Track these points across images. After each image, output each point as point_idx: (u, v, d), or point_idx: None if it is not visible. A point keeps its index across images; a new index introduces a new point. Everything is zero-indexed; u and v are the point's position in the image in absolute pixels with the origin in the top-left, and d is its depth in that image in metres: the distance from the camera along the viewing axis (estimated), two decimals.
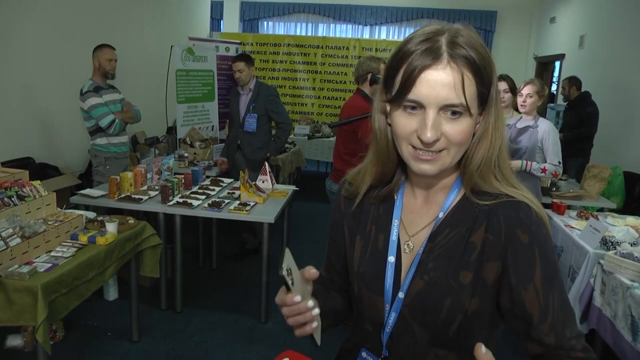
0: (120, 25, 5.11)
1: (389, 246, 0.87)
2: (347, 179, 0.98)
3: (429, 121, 0.73)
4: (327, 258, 1.03)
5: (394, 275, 0.86)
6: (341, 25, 9.42)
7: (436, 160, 0.77)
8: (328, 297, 0.98)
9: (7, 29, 3.68)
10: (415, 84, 0.73)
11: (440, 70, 0.72)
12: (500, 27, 8.83)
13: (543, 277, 0.78)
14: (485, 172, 0.81)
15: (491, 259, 0.80)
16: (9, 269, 1.94)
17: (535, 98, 3.11)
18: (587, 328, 2.48)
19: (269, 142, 4.03)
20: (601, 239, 2.54)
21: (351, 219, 0.95)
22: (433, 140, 0.74)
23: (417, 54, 0.73)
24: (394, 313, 0.84)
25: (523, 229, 0.78)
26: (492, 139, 0.80)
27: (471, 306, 0.80)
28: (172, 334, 2.90)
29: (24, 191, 2.30)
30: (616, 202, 4.19)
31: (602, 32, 6.09)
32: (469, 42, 0.74)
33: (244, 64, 3.83)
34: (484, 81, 0.76)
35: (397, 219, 0.89)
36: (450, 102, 0.73)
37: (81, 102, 3.43)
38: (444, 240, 0.83)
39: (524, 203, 0.80)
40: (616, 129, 5.33)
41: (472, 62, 0.74)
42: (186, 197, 3.15)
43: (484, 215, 0.81)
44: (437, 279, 0.81)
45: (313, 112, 7.20)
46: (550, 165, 3.07)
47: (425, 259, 0.83)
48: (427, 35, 0.74)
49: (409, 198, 0.90)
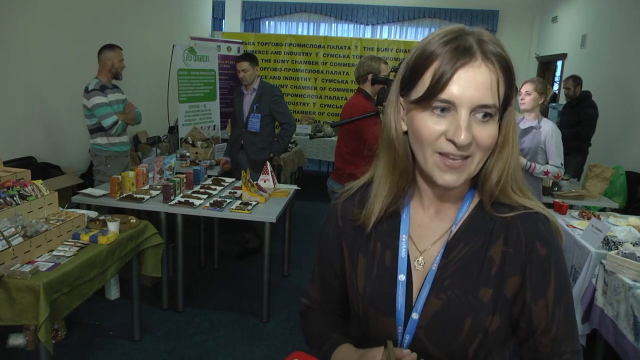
0: (122, 25, 5.12)
1: (399, 263, 0.81)
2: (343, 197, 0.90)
3: (464, 122, 0.68)
4: (319, 278, 0.96)
5: (406, 295, 0.80)
6: (343, 24, 9.42)
7: (463, 169, 0.71)
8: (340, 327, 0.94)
9: (9, 28, 3.69)
10: (448, 84, 0.68)
11: (475, 69, 0.68)
12: (502, 27, 8.81)
13: (555, 291, 0.76)
14: (504, 183, 0.76)
15: (512, 274, 0.76)
16: (11, 268, 1.94)
17: (534, 95, 3.08)
18: (589, 328, 2.48)
19: (272, 142, 4.02)
20: (603, 238, 2.53)
21: (351, 236, 0.88)
22: (467, 143, 0.68)
23: (447, 51, 0.68)
24: (408, 335, 0.79)
25: (542, 242, 0.76)
26: (513, 147, 0.75)
27: (492, 324, 0.76)
28: (173, 333, 2.90)
29: (26, 190, 2.31)
30: (618, 202, 4.19)
31: (604, 32, 6.08)
32: (494, 40, 0.71)
33: (249, 64, 3.82)
34: (511, 83, 0.72)
35: (405, 233, 0.82)
36: (484, 103, 0.68)
37: (85, 100, 3.43)
38: (459, 255, 0.78)
39: (542, 215, 0.77)
40: (618, 129, 5.32)
41: (505, 61, 0.70)
42: (188, 196, 3.15)
43: (501, 228, 0.77)
44: (455, 297, 0.76)
45: (315, 111, 7.20)
46: (552, 168, 3.07)
47: (440, 276, 0.78)
48: (453, 34, 0.70)
49: (417, 211, 0.84)
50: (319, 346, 0.91)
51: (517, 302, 0.77)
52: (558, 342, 0.77)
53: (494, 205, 0.78)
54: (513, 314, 0.78)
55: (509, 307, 0.77)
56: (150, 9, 5.85)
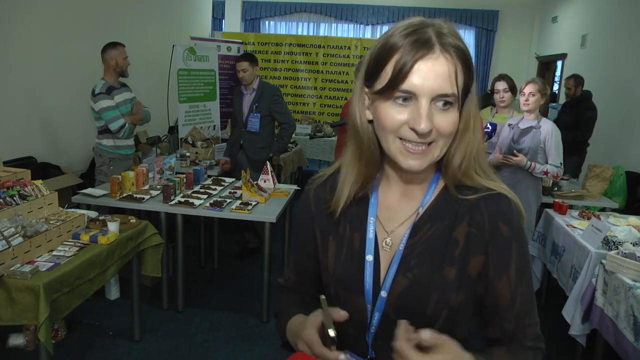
0: (122, 25, 5.11)
1: (366, 244, 0.85)
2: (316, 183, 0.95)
3: (424, 111, 0.72)
4: (295, 260, 1.01)
5: (374, 274, 0.84)
6: (343, 24, 9.42)
7: (426, 154, 0.76)
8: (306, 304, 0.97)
9: (9, 28, 3.69)
10: (409, 75, 0.72)
11: (434, 60, 0.72)
12: (502, 27, 8.81)
13: (517, 269, 0.80)
14: (467, 166, 0.80)
15: (476, 253, 0.81)
16: (11, 268, 1.95)
17: (537, 97, 3.09)
18: (589, 328, 2.48)
19: (272, 142, 4.02)
20: (603, 238, 2.53)
21: (323, 220, 0.91)
22: (428, 131, 0.73)
23: (407, 44, 0.73)
24: (377, 313, 0.83)
25: (504, 221, 0.80)
26: (474, 132, 0.80)
27: (456, 301, 0.80)
28: (173, 333, 2.91)
29: (26, 190, 2.31)
30: (618, 202, 4.19)
31: (604, 32, 6.08)
32: (453, 33, 0.75)
33: (248, 64, 3.82)
34: (470, 73, 0.76)
35: (372, 216, 0.86)
36: (443, 92, 0.72)
37: (92, 103, 3.41)
38: (425, 235, 0.82)
39: (505, 195, 0.81)
40: (618, 129, 5.32)
41: (462, 52, 0.74)
42: (188, 196, 3.15)
43: (465, 210, 0.81)
44: (421, 275, 0.81)
45: (314, 111, 7.20)
46: (552, 167, 3.07)
47: (407, 255, 0.82)
48: (414, 27, 0.74)
49: (385, 195, 0.88)
50: (278, 320, 0.97)
51: (481, 280, 0.81)
52: (522, 317, 0.82)
53: (458, 188, 0.82)
54: (478, 292, 0.82)
55: (472, 284, 0.81)
56: (150, 9, 5.85)
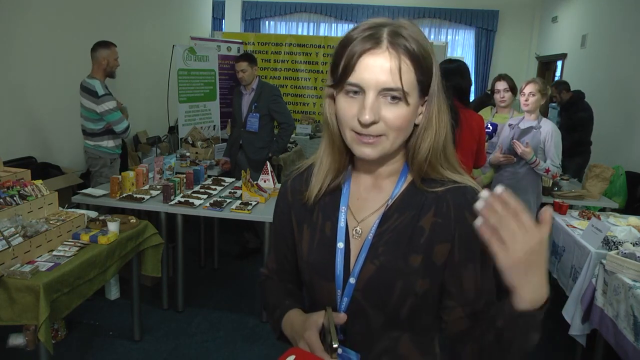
0: (122, 25, 5.12)
1: (337, 232, 0.89)
2: (293, 175, 1.00)
3: (367, 103, 0.75)
4: (275, 249, 1.04)
5: (344, 261, 0.87)
6: (343, 24, 9.42)
7: (376, 145, 0.79)
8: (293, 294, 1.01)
9: (8, 28, 3.69)
10: (355, 68, 0.76)
11: (379, 55, 0.75)
12: (502, 27, 8.82)
13: (481, 258, 0.83)
14: (433, 161, 0.84)
15: (441, 241, 0.83)
16: (11, 268, 1.95)
17: (538, 96, 3.09)
18: (589, 328, 2.48)
19: (271, 142, 4.02)
20: (603, 238, 2.53)
21: (299, 209, 0.96)
22: (370, 122, 0.76)
23: (358, 40, 0.76)
24: (346, 298, 0.87)
25: (470, 211, 0.80)
26: (437, 128, 0.82)
27: (421, 287, 0.83)
28: (173, 333, 2.91)
29: (25, 190, 2.31)
30: (618, 202, 4.19)
31: (604, 32, 6.08)
32: (410, 34, 0.77)
33: (247, 64, 3.82)
34: (423, 71, 0.78)
35: (344, 205, 0.90)
36: (388, 86, 0.75)
37: (93, 104, 3.31)
38: (393, 225, 0.86)
39: (471, 187, 0.85)
40: (618, 129, 5.33)
41: (411, 50, 0.76)
42: (188, 196, 3.15)
43: (432, 201, 0.85)
44: (387, 263, 0.84)
45: (315, 111, 7.20)
46: (552, 167, 3.08)
47: (375, 243, 0.85)
48: (371, 25, 0.78)
49: (357, 186, 0.91)
50: (272, 312, 0.99)
51: (447, 268, 0.85)
52: (490, 304, 0.85)
53: (426, 181, 0.86)
54: (444, 280, 0.85)
55: (437, 272, 0.84)
56: (150, 9, 5.85)
